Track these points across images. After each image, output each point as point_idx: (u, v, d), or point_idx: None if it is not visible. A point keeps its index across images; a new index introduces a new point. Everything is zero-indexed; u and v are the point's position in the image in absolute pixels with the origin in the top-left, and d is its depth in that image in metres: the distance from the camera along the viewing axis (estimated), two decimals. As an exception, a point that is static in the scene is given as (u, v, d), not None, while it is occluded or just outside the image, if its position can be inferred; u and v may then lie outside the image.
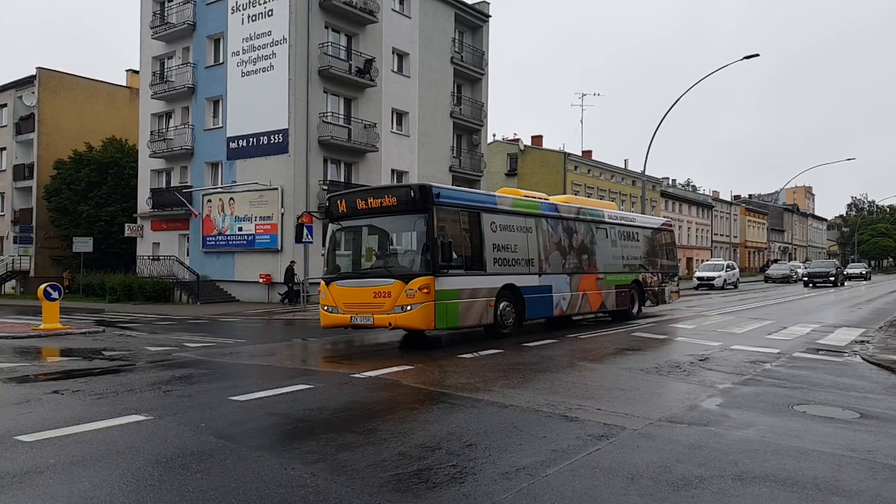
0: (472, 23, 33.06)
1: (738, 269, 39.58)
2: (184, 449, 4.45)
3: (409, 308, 9.35)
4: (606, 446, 4.51)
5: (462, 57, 32.08)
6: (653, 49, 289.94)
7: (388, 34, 27.77)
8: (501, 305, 10.87)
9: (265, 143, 24.80)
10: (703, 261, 52.15)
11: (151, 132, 29.52)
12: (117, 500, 3.48)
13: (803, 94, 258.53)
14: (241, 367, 8.47)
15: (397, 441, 4.64)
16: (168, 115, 29.42)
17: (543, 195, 13.92)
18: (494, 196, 11.60)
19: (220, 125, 26.69)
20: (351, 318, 9.90)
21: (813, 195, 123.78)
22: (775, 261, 68.86)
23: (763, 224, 79.33)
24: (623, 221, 15.44)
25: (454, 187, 11.06)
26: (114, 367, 8.42)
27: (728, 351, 9.66)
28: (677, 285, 18.07)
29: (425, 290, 9.33)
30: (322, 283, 10.50)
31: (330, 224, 10.83)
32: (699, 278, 35.61)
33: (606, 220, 14.67)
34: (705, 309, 19.07)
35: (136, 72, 33.58)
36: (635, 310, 15.23)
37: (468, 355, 9.11)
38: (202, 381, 7.35)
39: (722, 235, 68.47)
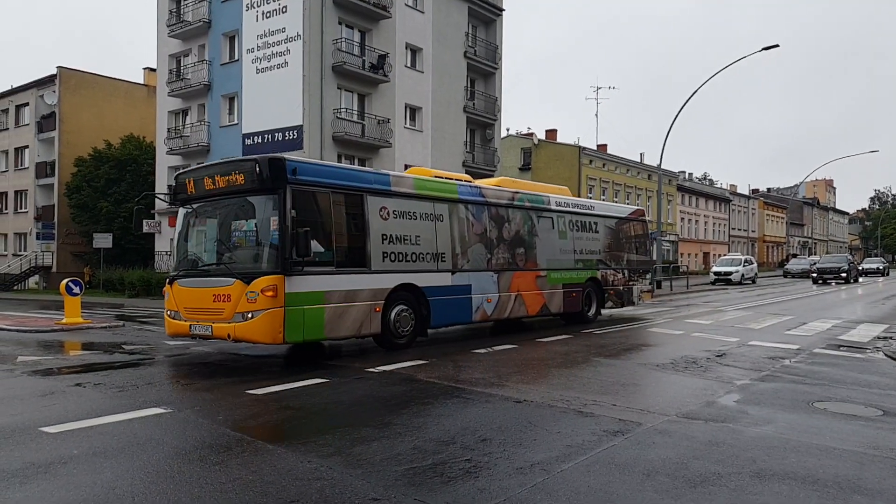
0: (486, 17, 32.90)
1: (755, 264, 39.04)
2: (202, 441, 4.52)
3: (250, 316, 7.49)
4: (622, 442, 4.49)
5: (475, 51, 31.96)
6: (671, 41, 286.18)
7: (402, 29, 27.76)
8: (396, 310, 8.99)
9: (280, 139, 24.95)
10: (720, 256, 51.53)
11: (168, 129, 29.86)
12: (138, 491, 3.54)
13: (825, 86, 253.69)
14: (257, 361, 8.56)
15: (412, 435, 4.66)
16: (185, 112, 29.74)
17: (467, 177, 11.85)
18: (387, 175, 9.49)
19: (236, 122, 26.92)
20: (190, 326, 8.13)
21: (834, 188, 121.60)
22: (794, 255, 67.81)
23: (782, 218, 78.10)
24: (576, 209, 13.23)
25: (324, 162, 8.93)
26: (134, 361, 8.56)
27: (746, 347, 9.54)
28: (650, 283, 15.86)
29: (270, 293, 7.43)
30: (167, 282, 8.81)
31: (180, 209, 9.01)
32: (716, 273, 35.19)
33: (553, 207, 12.48)
34: (722, 304, 18.85)
35: (154, 70, 33.96)
36: (591, 312, 13.27)
37: (482, 350, 9.12)
38: (219, 375, 7.44)
39: (739, 230, 67.58)
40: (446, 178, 10.93)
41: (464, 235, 10.40)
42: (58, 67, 36.15)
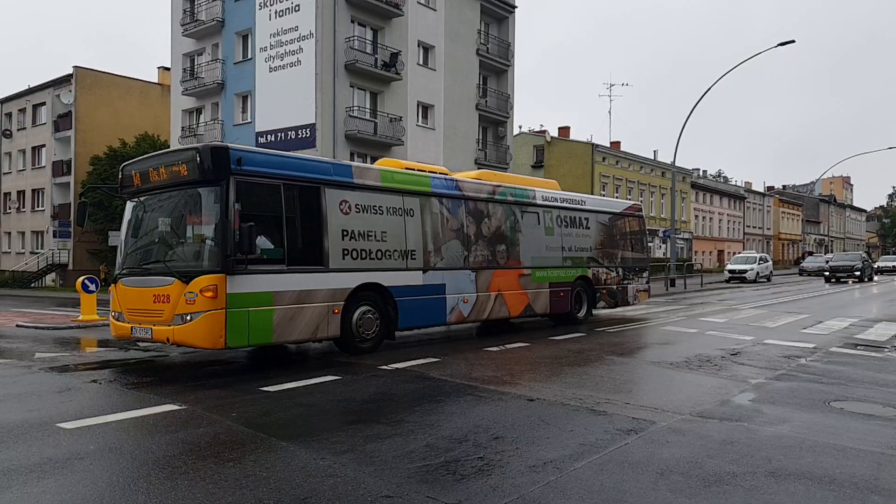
0: (499, 14, 32.80)
1: (771, 262, 38.60)
2: (216, 438, 4.56)
3: (189, 318, 6.96)
4: (635, 441, 4.46)
5: (488, 49, 31.88)
6: (685, 38, 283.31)
7: (414, 27, 27.76)
8: (359, 312, 8.41)
9: (293, 137, 25.08)
10: (734, 253, 51.01)
11: (182, 128, 30.12)
12: (154, 487, 3.59)
13: (842, 82, 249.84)
14: (270, 358, 8.62)
15: (424, 433, 4.67)
16: (198, 110, 29.99)
17: (443, 169, 11.35)
18: (349, 167, 8.86)
19: (249, 120, 27.09)
20: (132, 328, 7.67)
21: (851, 185, 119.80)
22: (810, 253, 66.91)
23: (798, 216, 77.13)
24: (565, 204, 12.52)
25: (275, 152, 8.29)
26: (148, 358, 8.66)
27: (761, 345, 9.44)
28: (647, 282, 15.04)
29: (209, 294, 6.88)
30: (112, 281, 8.38)
31: (127, 202, 8.59)
32: (730, 271, 34.83)
33: (539, 202, 11.85)
34: (737, 302, 18.66)
35: (168, 69, 34.26)
36: (581, 313, 12.64)
37: (494, 348, 9.11)
38: (233, 372, 7.52)
39: (754, 227, 66.83)
40: (419, 171, 10.38)
41: (437, 232, 9.76)
42: (74, 67, 36.61)
